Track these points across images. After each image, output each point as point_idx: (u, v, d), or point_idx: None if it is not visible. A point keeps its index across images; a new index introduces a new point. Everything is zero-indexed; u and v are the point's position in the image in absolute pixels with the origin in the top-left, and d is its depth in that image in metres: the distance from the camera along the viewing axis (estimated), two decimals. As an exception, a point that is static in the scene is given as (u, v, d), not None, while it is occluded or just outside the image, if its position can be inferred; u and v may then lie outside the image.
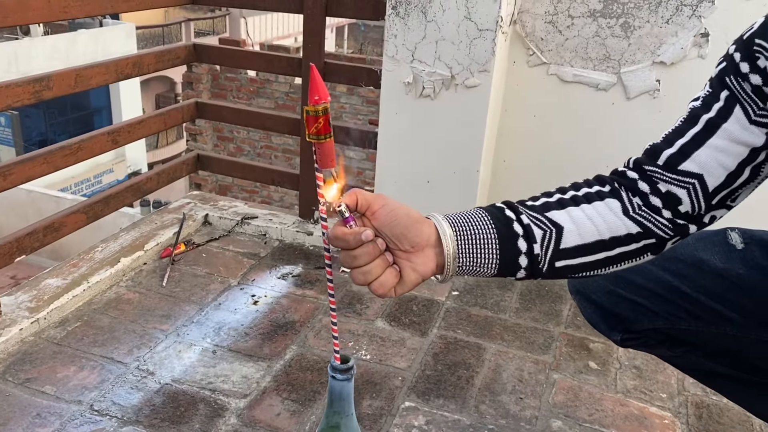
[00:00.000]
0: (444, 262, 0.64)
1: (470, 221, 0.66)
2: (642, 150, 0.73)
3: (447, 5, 1.51)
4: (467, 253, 0.65)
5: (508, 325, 1.58)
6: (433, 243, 0.64)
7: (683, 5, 1.47)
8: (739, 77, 0.66)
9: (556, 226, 0.67)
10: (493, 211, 0.68)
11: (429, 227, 0.65)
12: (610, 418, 1.29)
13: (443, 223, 0.65)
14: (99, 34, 17.52)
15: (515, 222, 0.66)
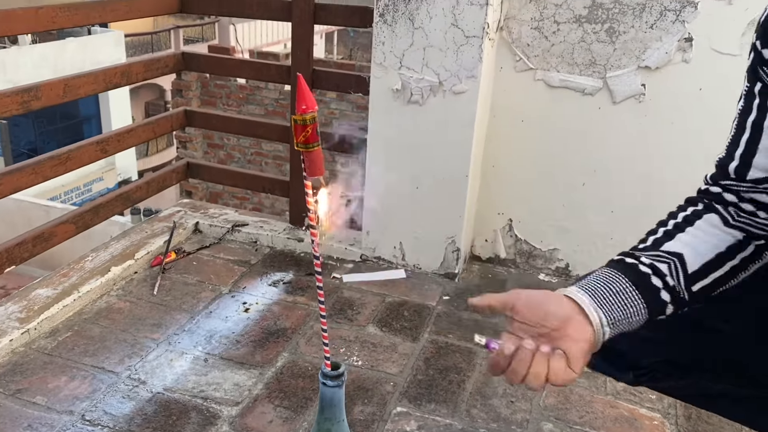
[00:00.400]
0: (594, 328, 0.65)
1: (601, 282, 0.67)
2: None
3: (434, 12, 1.52)
4: (615, 310, 0.66)
5: (499, 329, 1.59)
6: (577, 311, 0.65)
7: (667, 10, 1.49)
8: (765, 65, 0.66)
9: (676, 256, 0.69)
10: (614, 265, 0.70)
11: (567, 300, 0.66)
12: (600, 420, 1.30)
13: (578, 294, 0.66)
14: (87, 42, 17.45)
15: (639, 265, 0.68)
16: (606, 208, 1.69)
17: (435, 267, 1.77)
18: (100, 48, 17.58)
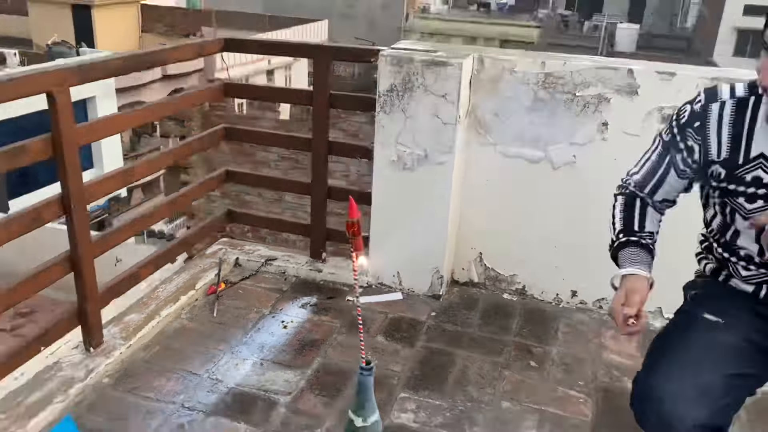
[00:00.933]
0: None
1: (638, 256, 1.33)
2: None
3: (419, 108, 2.08)
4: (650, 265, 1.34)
5: (473, 337, 2.14)
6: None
7: (588, 104, 2.07)
8: (678, 151, 1.33)
9: (651, 233, 1.39)
10: (635, 244, 1.36)
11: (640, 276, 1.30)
12: (543, 399, 1.86)
13: (639, 270, 1.31)
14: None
15: (647, 243, 1.37)
16: (551, 244, 2.25)
17: (424, 290, 2.33)
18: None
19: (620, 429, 1.75)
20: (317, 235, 2.48)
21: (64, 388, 1.77)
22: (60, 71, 1.62)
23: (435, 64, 2.05)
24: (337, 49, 2.36)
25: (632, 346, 2.11)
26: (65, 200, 1.70)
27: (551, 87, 2.09)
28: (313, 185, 2.40)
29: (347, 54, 2.44)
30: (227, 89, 2.43)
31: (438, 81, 2.06)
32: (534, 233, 2.27)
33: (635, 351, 2.08)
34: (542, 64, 2.09)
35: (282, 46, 2.83)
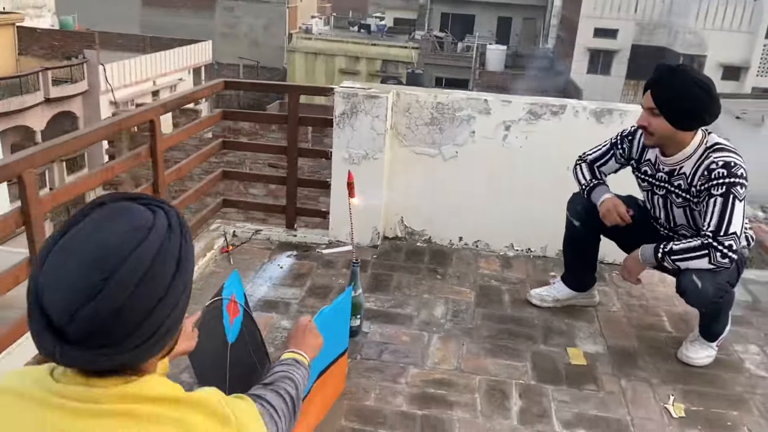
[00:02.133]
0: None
1: (604, 188, 2.71)
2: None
3: (362, 124, 3.34)
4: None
5: (401, 266, 3.40)
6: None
7: (462, 120, 3.41)
8: (618, 149, 2.72)
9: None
10: (600, 184, 2.72)
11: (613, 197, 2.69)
12: (446, 293, 3.15)
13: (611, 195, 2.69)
14: (-48, 87, 17.48)
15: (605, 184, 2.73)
16: (445, 209, 3.57)
17: (368, 242, 3.57)
18: (-35, 92, 17.67)
19: (489, 305, 3.08)
20: (290, 211, 3.67)
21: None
22: None
23: (371, 97, 3.32)
24: (304, 87, 3.56)
25: (496, 266, 3.46)
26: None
27: (440, 110, 3.42)
28: (288, 177, 3.59)
29: (311, 90, 3.65)
30: (225, 114, 3.58)
31: (373, 107, 3.33)
32: (435, 202, 3.58)
33: (498, 268, 3.44)
34: (435, 96, 3.42)
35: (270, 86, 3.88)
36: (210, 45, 32.10)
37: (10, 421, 0.91)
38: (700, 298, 2.47)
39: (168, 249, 0.93)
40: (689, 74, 2.42)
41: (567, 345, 2.78)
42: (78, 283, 0.88)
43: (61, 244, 0.91)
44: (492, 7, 37.34)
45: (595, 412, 2.37)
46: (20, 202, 1.94)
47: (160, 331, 0.92)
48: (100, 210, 0.95)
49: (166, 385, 0.96)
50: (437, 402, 2.36)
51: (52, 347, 0.88)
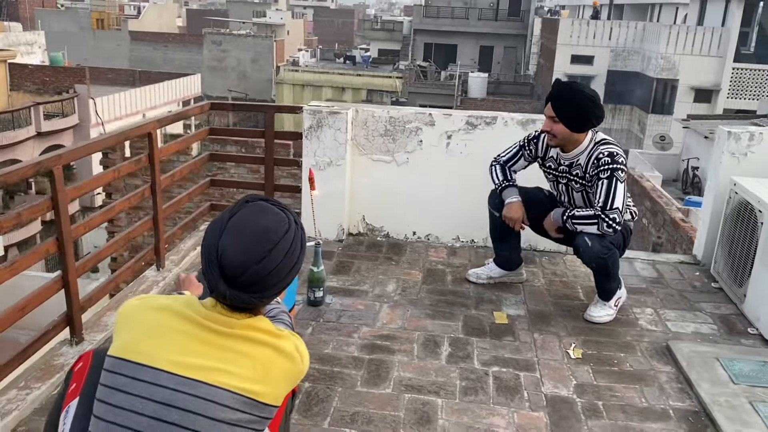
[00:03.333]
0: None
1: (514, 191, 3.39)
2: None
3: (326, 136, 3.96)
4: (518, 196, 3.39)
5: (362, 256, 4.00)
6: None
7: (412, 131, 4.05)
8: (526, 150, 3.38)
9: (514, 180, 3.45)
10: (509, 186, 3.39)
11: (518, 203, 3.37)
12: (398, 274, 3.76)
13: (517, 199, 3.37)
14: (-53, 122, 17.99)
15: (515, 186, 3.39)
16: (400, 207, 4.19)
17: (333, 237, 4.18)
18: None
19: (433, 283, 3.68)
20: (268, 213, 4.27)
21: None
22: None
23: (333, 113, 3.96)
24: (278, 107, 4.20)
25: (444, 254, 4.07)
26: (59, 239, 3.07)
27: (393, 123, 4.06)
28: (266, 184, 4.21)
29: (285, 109, 4.28)
30: (212, 131, 4.20)
31: (335, 122, 3.96)
32: (391, 202, 4.20)
33: (444, 256, 4.05)
34: (388, 111, 4.07)
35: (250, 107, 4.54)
36: (198, 78, 32.93)
37: (171, 329, 1.37)
38: (589, 254, 3.11)
39: (298, 236, 1.43)
40: (580, 89, 3.09)
41: (494, 310, 3.39)
42: (253, 249, 1.35)
43: (232, 223, 1.37)
44: (474, 37, 38.54)
45: (510, 355, 2.97)
46: (50, 191, 2.55)
47: (282, 288, 1.43)
48: (251, 205, 1.42)
49: (268, 322, 1.45)
50: (382, 350, 2.95)
51: (224, 290, 1.35)
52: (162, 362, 1.35)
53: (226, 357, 1.38)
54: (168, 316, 1.40)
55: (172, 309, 1.41)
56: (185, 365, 1.36)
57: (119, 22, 46.57)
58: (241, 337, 1.40)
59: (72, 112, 24.56)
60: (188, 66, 39.61)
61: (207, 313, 1.40)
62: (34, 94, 24.80)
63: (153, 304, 1.44)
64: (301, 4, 74.60)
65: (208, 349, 1.38)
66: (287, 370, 1.45)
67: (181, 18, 60.94)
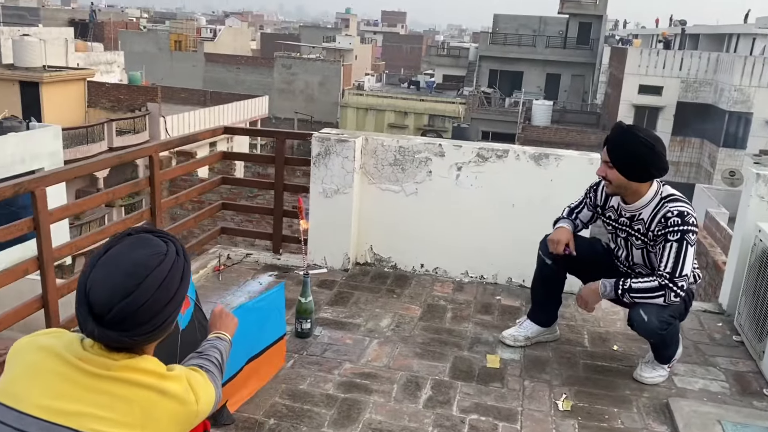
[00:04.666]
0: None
1: (567, 225, 3.13)
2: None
3: (334, 164, 3.92)
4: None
5: (365, 287, 3.91)
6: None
7: (421, 161, 3.96)
8: (589, 199, 3.14)
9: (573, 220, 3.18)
10: (566, 221, 3.14)
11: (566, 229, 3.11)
12: (396, 309, 3.64)
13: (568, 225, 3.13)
14: (27, 137, 18.99)
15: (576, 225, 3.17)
16: (408, 238, 4.09)
17: (339, 266, 4.11)
18: (39, 141, 19.22)
19: (431, 319, 3.55)
20: (276, 239, 4.25)
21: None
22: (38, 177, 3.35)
23: (342, 141, 3.92)
24: (288, 133, 4.20)
25: (449, 289, 3.94)
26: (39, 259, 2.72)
27: (402, 152, 3.98)
28: (275, 209, 4.19)
29: (294, 135, 4.28)
30: (225, 155, 4.23)
31: (344, 150, 3.92)
32: (399, 232, 4.11)
33: (450, 291, 3.91)
34: (398, 141, 3.99)
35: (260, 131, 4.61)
36: (266, 100, 33.79)
37: (45, 371, 1.32)
38: (646, 330, 2.81)
39: (176, 268, 1.39)
40: (636, 134, 2.76)
41: (488, 353, 3.22)
42: (118, 286, 1.31)
43: (104, 259, 1.34)
44: (540, 64, 38.09)
45: (493, 402, 2.81)
46: (33, 212, 2.59)
47: (163, 324, 1.37)
48: (130, 238, 1.39)
49: (155, 362, 1.39)
50: (359, 389, 2.84)
51: (92, 328, 1.31)
52: (29, 406, 1.30)
53: (101, 401, 1.31)
54: (46, 357, 1.35)
55: (52, 349, 1.36)
56: (54, 410, 1.30)
57: (196, 44, 48.44)
58: (118, 379, 1.34)
59: (143, 129, 25.57)
60: (259, 88, 40.75)
61: (84, 354, 1.35)
62: (108, 110, 25.99)
63: (38, 342, 1.39)
64: (371, 29, 75.91)
65: (82, 392, 1.32)
66: (174, 413, 1.38)
67: (255, 41, 62.98)
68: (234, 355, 2.48)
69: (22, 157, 18.55)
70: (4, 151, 17.59)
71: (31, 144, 18.63)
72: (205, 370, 1.72)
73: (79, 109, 25.53)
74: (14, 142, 17.88)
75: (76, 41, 31.06)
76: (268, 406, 2.68)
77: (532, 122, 33.01)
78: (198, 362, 1.80)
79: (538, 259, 3.22)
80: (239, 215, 8.96)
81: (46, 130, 19.58)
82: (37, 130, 19.65)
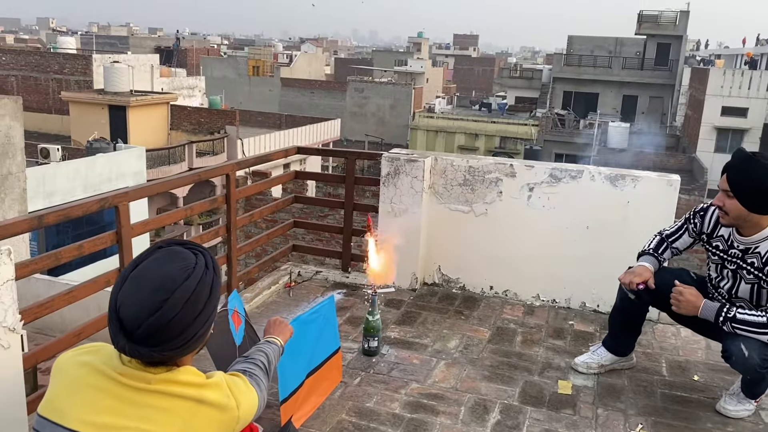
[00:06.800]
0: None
1: (652, 264, 2.93)
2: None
3: (404, 182, 3.93)
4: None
5: (432, 307, 3.89)
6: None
7: (492, 181, 3.92)
8: (690, 224, 2.96)
9: (659, 257, 2.99)
10: (650, 258, 2.95)
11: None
12: (465, 330, 3.59)
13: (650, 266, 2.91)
14: (113, 157, 19.95)
15: (661, 260, 2.97)
16: (477, 260, 4.04)
17: (407, 286, 4.10)
18: (125, 161, 20.16)
19: (500, 342, 3.48)
20: (346, 257, 4.29)
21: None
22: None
23: (411, 161, 3.93)
24: (359, 153, 4.26)
25: (519, 312, 3.85)
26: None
27: (472, 173, 3.96)
28: (345, 227, 4.24)
29: (364, 156, 4.34)
30: (297, 174, 4.32)
31: (413, 169, 3.93)
32: (468, 253, 4.07)
33: (520, 315, 3.83)
34: (467, 161, 3.97)
35: (332, 152, 4.71)
36: (339, 123, 34.45)
37: (87, 386, 1.35)
38: (745, 367, 2.64)
39: (205, 281, 1.38)
40: (763, 162, 2.56)
41: (560, 378, 3.13)
42: (146, 302, 1.31)
43: (134, 274, 1.36)
44: (616, 86, 37.21)
45: (564, 430, 2.71)
46: (116, 226, 2.71)
47: (194, 337, 1.37)
48: (160, 251, 1.40)
49: (193, 373, 1.40)
50: (426, 410, 2.81)
51: (123, 344, 1.33)
52: (73, 421, 1.34)
53: (143, 414, 1.34)
54: (86, 372, 1.38)
55: (93, 365, 1.39)
56: (97, 425, 1.33)
57: (272, 70, 49.96)
58: (158, 392, 1.36)
59: (221, 151, 26.50)
60: (332, 111, 41.62)
61: (123, 369, 1.37)
62: (189, 133, 27.10)
63: (79, 359, 1.42)
64: (443, 53, 76.29)
65: (124, 406, 1.34)
66: (216, 420, 1.40)
67: (329, 66, 64.43)
68: (294, 369, 2.51)
69: (108, 177, 19.56)
70: (93, 171, 18.58)
71: (117, 164, 19.62)
72: (248, 374, 1.75)
73: (162, 132, 26.75)
74: (102, 162, 18.87)
75: (161, 67, 32.61)
76: (335, 423, 2.68)
77: (607, 145, 32.19)
78: (242, 367, 1.83)
79: (620, 291, 3.04)
80: (310, 233, 9.17)
81: (131, 151, 20.57)
82: (123, 151, 20.66)
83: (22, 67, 27.85)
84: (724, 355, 2.71)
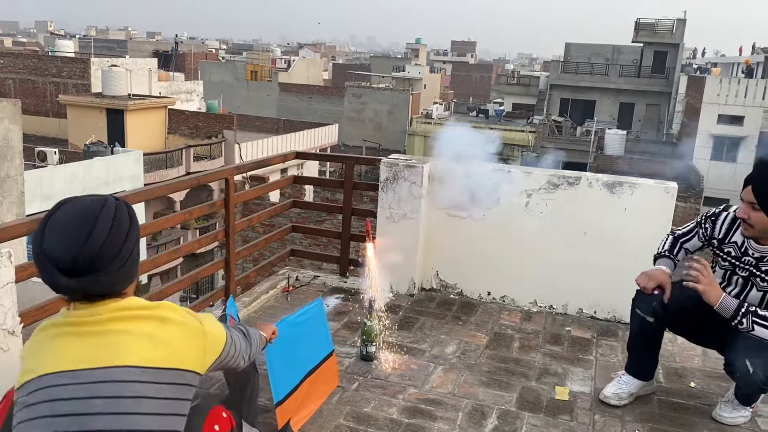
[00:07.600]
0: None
1: (667, 264, 2.85)
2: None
3: (402, 188, 3.95)
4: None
5: (429, 312, 3.89)
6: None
7: (490, 188, 3.93)
8: (701, 228, 2.84)
9: (674, 257, 2.90)
10: (665, 260, 2.87)
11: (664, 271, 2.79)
12: (462, 336, 3.60)
13: (666, 268, 2.81)
14: (111, 161, 19.93)
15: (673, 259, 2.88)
16: (475, 265, 4.05)
17: (405, 291, 4.11)
18: (122, 165, 20.15)
19: (498, 348, 3.49)
20: (344, 262, 4.30)
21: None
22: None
23: (410, 166, 3.95)
24: (357, 159, 4.27)
25: (517, 318, 3.86)
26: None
27: (471, 178, 3.97)
28: (343, 232, 4.24)
29: (363, 161, 4.35)
30: (296, 179, 4.34)
31: (411, 175, 3.94)
32: (466, 259, 4.08)
33: (517, 321, 3.84)
34: (466, 167, 3.98)
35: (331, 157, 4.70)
36: (336, 128, 34.48)
37: (53, 345, 1.44)
38: (748, 382, 2.62)
39: (121, 208, 1.46)
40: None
41: (557, 384, 3.14)
42: (74, 236, 1.38)
43: (51, 221, 1.42)
44: (613, 93, 37.33)
45: (561, 436, 2.72)
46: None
47: (128, 262, 1.45)
48: (67, 201, 1.46)
49: (142, 300, 1.50)
50: (424, 415, 2.82)
51: (65, 283, 1.38)
52: (49, 368, 1.40)
53: (110, 341, 1.42)
54: (46, 334, 1.47)
55: (46, 327, 1.48)
56: (77, 360, 1.40)
57: (270, 75, 49.99)
58: (115, 319, 1.43)
59: (219, 155, 26.48)
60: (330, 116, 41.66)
61: (73, 313, 1.45)
62: (187, 137, 27.07)
63: (36, 334, 1.50)
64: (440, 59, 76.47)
65: (91, 340, 1.42)
66: (180, 335, 1.48)
67: (327, 71, 64.53)
68: (286, 372, 2.53)
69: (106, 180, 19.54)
70: (91, 174, 18.56)
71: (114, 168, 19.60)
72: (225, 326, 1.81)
73: (160, 136, 26.71)
74: (99, 165, 18.84)
75: (159, 71, 32.59)
76: (333, 428, 2.68)
77: (604, 151, 32.25)
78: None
79: (637, 317, 2.94)
80: (308, 238, 9.22)
81: (129, 155, 20.54)
82: (121, 154, 20.62)
83: (20, 70, 27.80)
84: (727, 369, 2.70)
